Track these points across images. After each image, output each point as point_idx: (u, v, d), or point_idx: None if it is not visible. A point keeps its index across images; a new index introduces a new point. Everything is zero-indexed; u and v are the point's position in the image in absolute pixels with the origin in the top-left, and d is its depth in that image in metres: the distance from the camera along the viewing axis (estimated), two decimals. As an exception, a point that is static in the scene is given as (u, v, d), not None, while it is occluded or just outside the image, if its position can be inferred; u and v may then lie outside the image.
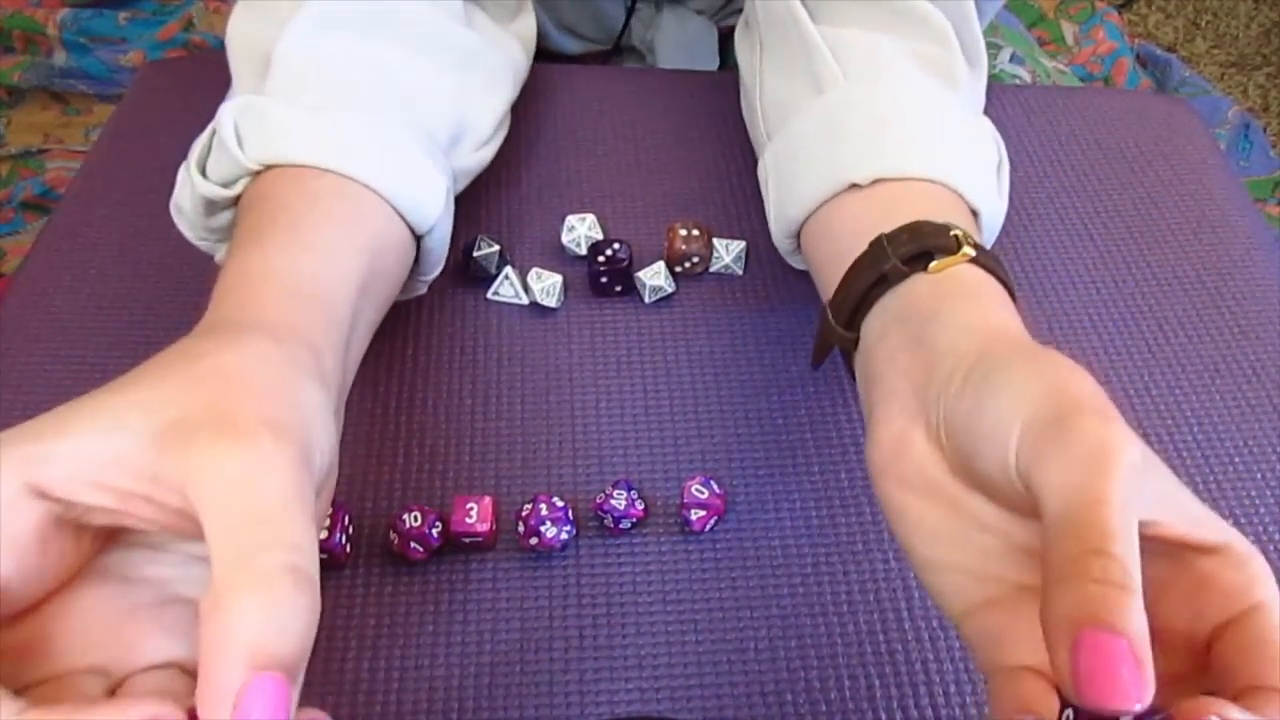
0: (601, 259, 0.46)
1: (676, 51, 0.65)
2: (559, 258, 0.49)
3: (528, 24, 0.52)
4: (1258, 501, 0.42)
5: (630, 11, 0.63)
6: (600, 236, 0.48)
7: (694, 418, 0.43)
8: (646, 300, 0.47)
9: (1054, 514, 0.24)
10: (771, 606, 0.38)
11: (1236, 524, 0.41)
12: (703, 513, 0.39)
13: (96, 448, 0.23)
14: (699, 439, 0.42)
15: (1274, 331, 0.48)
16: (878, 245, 0.34)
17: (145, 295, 0.47)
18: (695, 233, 0.47)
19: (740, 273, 0.48)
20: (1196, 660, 0.25)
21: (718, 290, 0.48)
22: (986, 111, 0.45)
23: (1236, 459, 0.43)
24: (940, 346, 0.31)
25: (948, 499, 0.28)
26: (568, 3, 0.64)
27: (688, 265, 0.48)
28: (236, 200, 0.36)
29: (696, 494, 0.39)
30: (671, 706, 0.36)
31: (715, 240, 0.48)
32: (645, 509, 0.39)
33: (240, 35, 0.40)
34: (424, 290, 0.43)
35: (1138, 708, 0.21)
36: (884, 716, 0.35)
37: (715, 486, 0.39)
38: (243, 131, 0.36)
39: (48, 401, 0.43)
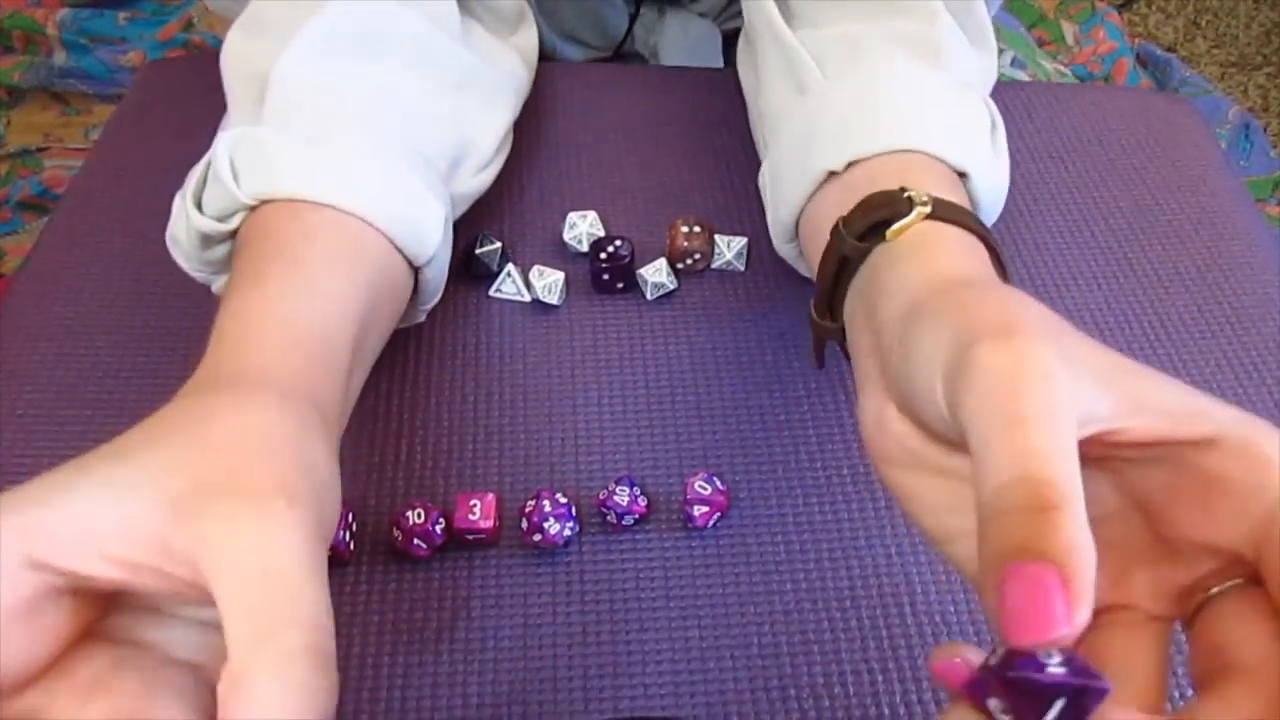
0: (603, 256, 0.46)
1: (680, 55, 0.64)
2: (561, 255, 0.49)
3: (529, 37, 0.51)
4: (1259, 498, 0.42)
5: (633, 18, 0.63)
6: (602, 233, 0.48)
7: (696, 414, 0.43)
8: (648, 297, 0.47)
9: (974, 454, 0.22)
10: (774, 602, 0.38)
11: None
12: (705, 509, 0.39)
13: (105, 518, 0.23)
14: (701, 435, 0.42)
15: (1274, 330, 0.48)
16: (835, 229, 0.34)
17: (145, 295, 0.47)
18: (697, 229, 0.47)
19: (742, 269, 0.48)
20: (1228, 565, 0.23)
21: (719, 287, 0.48)
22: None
23: (1238, 456, 0.43)
24: (881, 315, 0.30)
25: (935, 468, 0.28)
26: (570, 10, 0.64)
27: (689, 262, 0.48)
28: (233, 234, 0.36)
29: (699, 490, 0.39)
30: (675, 702, 0.36)
31: (717, 237, 0.48)
32: (648, 505, 0.39)
33: (236, 59, 0.40)
34: (422, 319, 0.43)
35: (1064, 631, 0.19)
36: (887, 712, 0.36)
37: (718, 482, 0.39)
38: (238, 165, 0.35)
39: (48, 401, 0.43)
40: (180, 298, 0.46)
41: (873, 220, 0.33)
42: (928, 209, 0.32)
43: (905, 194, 0.32)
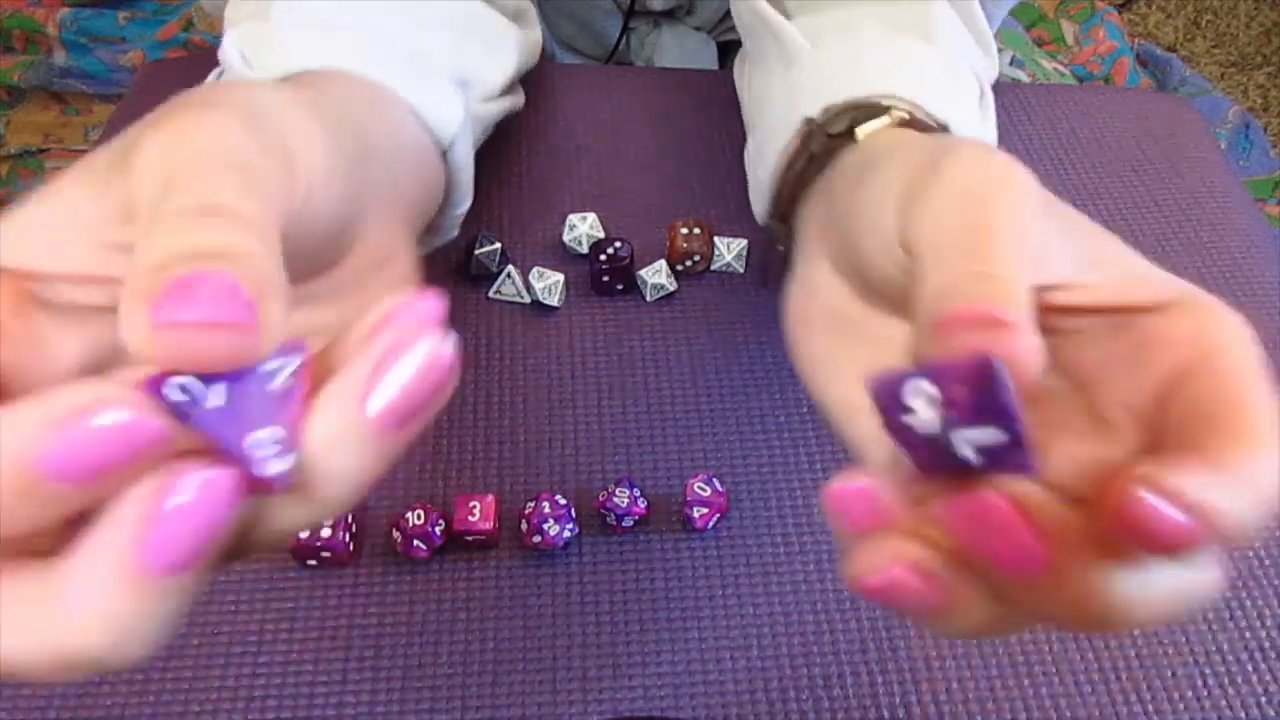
0: (603, 257, 0.46)
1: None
2: (560, 256, 0.49)
3: (533, 35, 0.51)
4: (1259, 499, 0.42)
5: (625, 27, 0.63)
6: (601, 235, 0.48)
7: (696, 416, 0.43)
8: (648, 299, 0.47)
9: (923, 270, 0.20)
10: (774, 604, 0.38)
11: (1238, 522, 0.41)
12: (705, 510, 0.39)
13: (48, 213, 0.20)
14: (701, 437, 0.42)
15: (1274, 330, 0.48)
16: (807, 130, 0.32)
17: (147, 294, 0.47)
18: (697, 231, 0.47)
19: (742, 271, 0.48)
20: (1156, 437, 0.21)
21: (719, 288, 0.48)
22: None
23: (1237, 457, 0.43)
24: (837, 185, 0.29)
25: (856, 331, 0.26)
26: (566, 19, 0.64)
27: (689, 264, 0.48)
28: None
29: (699, 492, 0.39)
30: (674, 704, 0.36)
31: (716, 239, 0.48)
32: (648, 507, 0.39)
33: (235, 19, 0.39)
34: (454, 234, 0.41)
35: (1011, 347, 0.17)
36: (886, 714, 0.36)
37: (717, 484, 0.39)
38: (248, 54, 0.34)
39: (50, 400, 0.43)
40: (180, 299, 0.46)
41: (847, 122, 0.31)
42: (904, 115, 0.31)
43: (885, 104, 0.31)
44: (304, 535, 0.37)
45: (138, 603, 0.15)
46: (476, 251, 0.47)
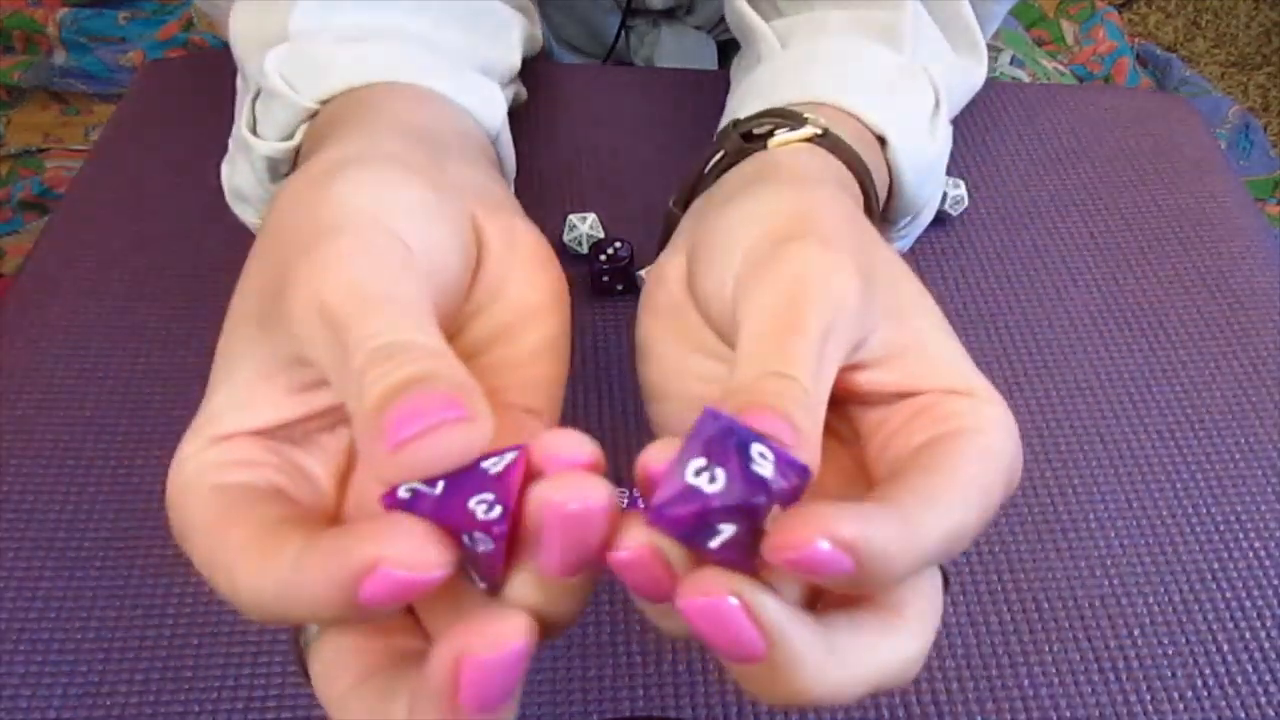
0: (603, 258, 0.46)
1: (675, 66, 0.65)
2: (560, 257, 0.48)
3: (533, 30, 0.51)
4: (1259, 500, 0.42)
5: (622, 25, 0.63)
6: (601, 235, 0.48)
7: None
8: (648, 299, 0.47)
9: (742, 345, 0.22)
10: (773, 604, 0.38)
11: (1237, 522, 0.41)
12: (705, 511, 0.39)
13: (234, 383, 0.22)
14: (701, 437, 0.42)
15: (1274, 331, 0.48)
16: (726, 128, 0.33)
17: (146, 295, 0.47)
18: (696, 231, 0.47)
19: (741, 271, 0.48)
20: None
21: (719, 289, 0.48)
22: (987, 109, 0.45)
23: (1237, 457, 0.43)
24: (720, 186, 0.30)
25: (686, 327, 0.27)
26: (564, 18, 0.64)
27: (689, 264, 0.48)
28: (296, 162, 0.35)
29: (698, 492, 0.39)
30: (675, 704, 0.36)
31: (716, 239, 0.48)
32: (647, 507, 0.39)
33: (245, 29, 0.39)
34: None
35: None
36: (886, 714, 0.36)
37: (717, 485, 0.39)
38: (290, 76, 0.34)
39: (48, 401, 0.43)
40: (180, 297, 0.46)
41: (764, 128, 0.32)
42: (817, 132, 0.32)
43: (804, 116, 0.32)
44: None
45: None
46: (476, 251, 0.47)
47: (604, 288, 0.47)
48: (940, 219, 0.51)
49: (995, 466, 0.21)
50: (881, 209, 0.38)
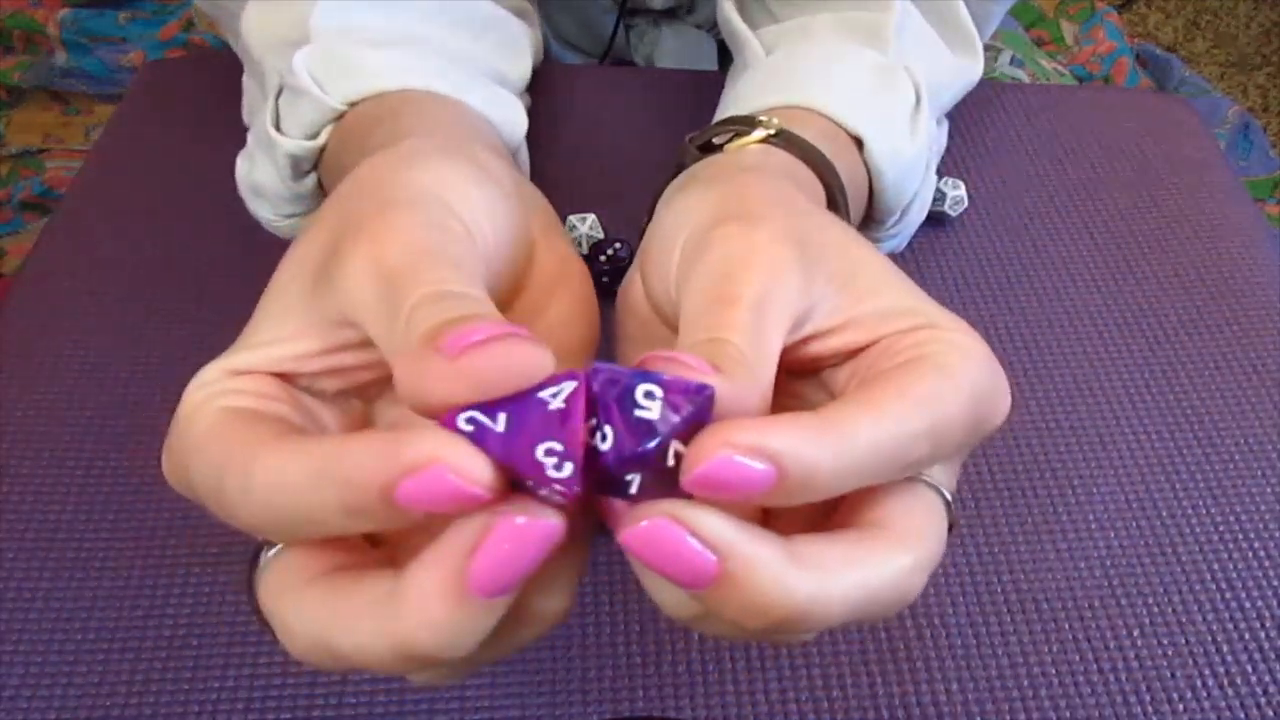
0: (603, 259, 0.46)
1: (676, 65, 0.65)
2: (560, 257, 0.49)
3: (535, 34, 0.51)
4: (1258, 501, 0.42)
5: (619, 23, 0.63)
6: (601, 236, 0.48)
7: (695, 416, 0.43)
8: (648, 299, 0.47)
9: (680, 330, 0.22)
10: (773, 604, 0.38)
11: (1236, 523, 0.41)
12: (704, 511, 0.39)
13: (278, 324, 0.22)
14: (700, 437, 0.42)
15: (1274, 330, 0.48)
16: (683, 145, 0.33)
17: (146, 295, 0.47)
18: (696, 231, 0.47)
19: (741, 271, 0.48)
20: None
21: (719, 289, 0.48)
22: (987, 109, 0.45)
23: (1237, 458, 0.43)
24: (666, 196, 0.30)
25: (656, 339, 0.27)
26: (564, 17, 0.64)
27: (689, 264, 0.48)
28: (322, 151, 0.35)
29: (698, 492, 0.39)
30: (675, 704, 0.36)
31: (716, 239, 0.48)
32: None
33: (262, 26, 0.38)
34: None
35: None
36: (886, 714, 0.36)
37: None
38: (318, 76, 0.34)
39: (49, 401, 0.43)
40: (181, 297, 0.46)
41: (721, 136, 0.32)
42: (770, 132, 0.32)
43: (758, 118, 0.32)
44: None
45: (462, 617, 0.18)
46: (476, 251, 0.47)
47: (603, 288, 0.47)
48: (940, 219, 0.51)
49: (953, 385, 0.21)
50: (866, 209, 0.38)
